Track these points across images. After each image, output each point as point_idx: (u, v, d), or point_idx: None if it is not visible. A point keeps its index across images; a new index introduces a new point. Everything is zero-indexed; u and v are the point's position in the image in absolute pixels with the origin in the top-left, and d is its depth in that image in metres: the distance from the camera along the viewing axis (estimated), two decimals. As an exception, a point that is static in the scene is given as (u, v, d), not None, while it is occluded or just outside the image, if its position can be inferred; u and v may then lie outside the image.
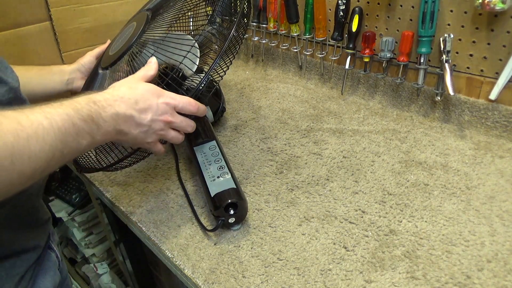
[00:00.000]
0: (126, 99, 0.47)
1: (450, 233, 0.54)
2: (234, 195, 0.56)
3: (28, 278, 0.50)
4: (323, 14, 0.92)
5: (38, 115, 0.36)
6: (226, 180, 0.58)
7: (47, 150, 0.36)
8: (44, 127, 0.36)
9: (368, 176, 0.67)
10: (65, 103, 0.40)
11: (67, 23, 0.90)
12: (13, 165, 0.33)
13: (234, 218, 0.56)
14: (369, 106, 0.90)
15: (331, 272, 0.50)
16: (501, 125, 0.73)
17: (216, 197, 0.56)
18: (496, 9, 0.65)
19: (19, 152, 0.33)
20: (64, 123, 0.38)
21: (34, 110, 0.37)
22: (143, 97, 0.48)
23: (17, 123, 0.34)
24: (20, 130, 0.34)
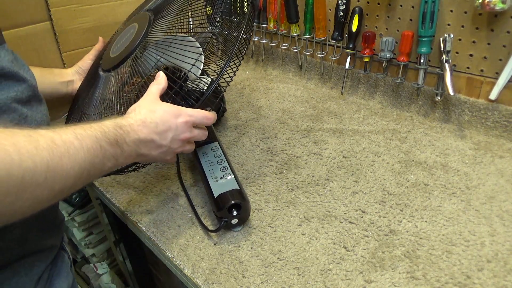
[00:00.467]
0: (147, 123, 0.49)
1: (450, 233, 0.54)
2: (237, 196, 0.56)
3: (45, 278, 0.51)
4: (323, 14, 0.92)
5: (70, 135, 0.38)
6: (229, 181, 0.58)
7: (76, 169, 0.37)
8: (75, 147, 0.38)
9: (368, 176, 0.67)
10: (94, 126, 0.42)
11: (67, 23, 0.90)
12: (46, 182, 0.34)
13: (237, 219, 0.56)
14: (369, 106, 0.90)
15: (331, 272, 0.50)
16: (501, 125, 0.73)
17: (219, 198, 0.56)
18: (496, 9, 0.65)
19: (53, 169, 0.34)
20: (93, 145, 0.40)
21: (66, 130, 0.39)
22: (162, 119, 0.50)
23: (52, 142, 0.35)
24: (55, 149, 0.35)
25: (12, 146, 0.31)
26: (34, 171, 0.32)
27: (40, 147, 0.34)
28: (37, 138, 0.34)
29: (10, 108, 0.45)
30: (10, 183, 0.31)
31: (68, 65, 0.93)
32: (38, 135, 0.35)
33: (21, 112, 0.47)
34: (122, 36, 0.67)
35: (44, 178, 0.34)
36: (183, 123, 0.52)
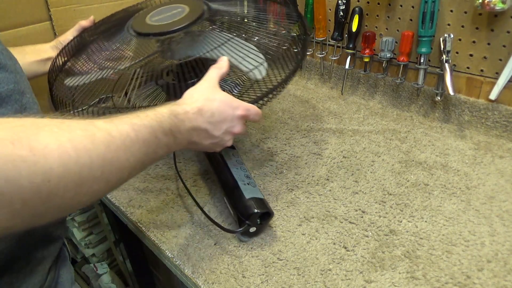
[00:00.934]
0: (204, 111, 0.47)
1: (450, 233, 0.54)
2: (268, 207, 0.55)
3: (53, 269, 0.52)
4: (323, 14, 0.92)
5: (126, 127, 0.37)
6: (256, 189, 0.57)
7: (131, 161, 0.37)
8: (131, 139, 0.37)
9: (368, 176, 0.67)
10: (150, 115, 0.41)
11: (67, 23, 0.90)
12: (103, 175, 0.34)
13: (255, 228, 0.54)
14: (369, 106, 0.90)
15: (331, 272, 0.50)
16: (501, 125, 0.73)
17: (253, 201, 0.54)
18: (496, 9, 0.65)
19: (109, 162, 0.34)
20: (148, 136, 0.39)
21: (122, 120, 0.38)
22: (219, 109, 0.49)
23: (108, 134, 0.35)
24: (111, 142, 0.35)
25: (69, 142, 0.31)
26: (91, 166, 0.32)
27: (96, 141, 0.33)
28: (93, 132, 0.34)
29: (11, 99, 0.45)
30: (68, 179, 0.31)
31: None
32: (94, 128, 0.34)
33: (21, 102, 0.47)
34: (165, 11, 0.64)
35: (100, 172, 0.33)
36: (239, 116, 0.50)
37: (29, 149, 0.28)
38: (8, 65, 0.46)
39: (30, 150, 0.28)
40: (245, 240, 0.55)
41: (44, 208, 0.30)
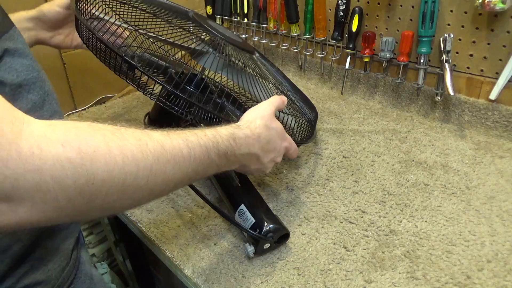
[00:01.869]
0: (261, 138, 0.48)
1: (450, 233, 0.54)
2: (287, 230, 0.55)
3: (76, 249, 0.54)
4: (323, 14, 0.92)
5: (181, 142, 0.38)
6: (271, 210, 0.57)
7: (178, 175, 0.38)
8: (183, 155, 0.38)
9: (368, 176, 0.67)
10: (208, 135, 0.42)
11: (67, 23, 0.90)
12: (147, 185, 0.35)
13: (269, 245, 0.53)
14: (369, 106, 0.90)
15: (331, 272, 0.50)
16: (501, 125, 0.73)
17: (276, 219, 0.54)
18: (496, 9, 0.65)
19: (155, 174, 0.35)
20: (201, 155, 0.40)
21: (179, 135, 0.38)
22: (272, 138, 0.50)
23: (161, 146, 0.36)
24: (161, 154, 0.35)
25: (118, 149, 0.32)
26: (136, 175, 0.33)
27: (146, 151, 0.34)
28: (146, 142, 0.35)
29: (37, 86, 0.47)
30: (112, 184, 0.31)
31: (68, 65, 0.93)
32: (148, 138, 0.35)
33: (44, 89, 0.48)
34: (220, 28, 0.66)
35: (145, 181, 0.34)
36: (284, 147, 0.53)
37: (78, 151, 0.29)
38: (30, 55, 0.47)
39: (78, 152, 0.29)
40: (251, 255, 0.53)
41: (87, 207, 0.31)
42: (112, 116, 0.94)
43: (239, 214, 0.56)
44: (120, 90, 1.06)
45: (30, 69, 0.46)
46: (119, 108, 0.98)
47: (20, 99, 0.44)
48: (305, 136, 0.67)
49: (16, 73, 0.44)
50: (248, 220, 0.54)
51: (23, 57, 0.46)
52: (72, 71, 0.94)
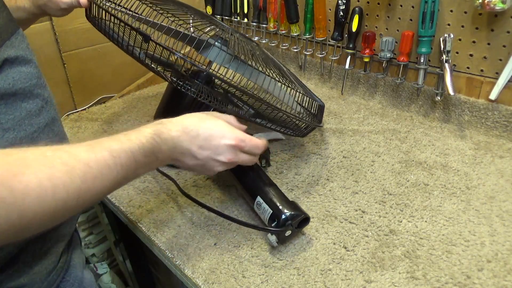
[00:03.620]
0: (188, 130, 0.47)
1: (450, 233, 0.54)
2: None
3: (66, 252, 0.54)
4: (323, 14, 0.92)
5: (105, 154, 0.39)
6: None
7: (108, 186, 0.39)
8: (109, 166, 0.38)
9: (368, 176, 0.67)
10: (132, 138, 0.42)
11: (67, 23, 0.90)
12: (77, 203, 0.36)
13: (291, 232, 0.53)
14: (369, 106, 0.90)
15: (331, 272, 0.50)
16: (501, 125, 0.73)
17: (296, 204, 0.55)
18: (496, 9, 0.65)
19: (84, 192, 0.36)
20: (127, 161, 0.40)
21: (102, 146, 0.39)
22: (205, 133, 0.48)
23: (87, 166, 0.37)
24: (88, 172, 0.37)
25: (48, 180, 0.33)
26: (66, 199, 0.34)
27: (74, 175, 0.35)
28: (73, 165, 0.35)
29: (34, 94, 0.47)
30: (44, 213, 0.33)
31: (68, 65, 0.93)
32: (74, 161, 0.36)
33: (43, 96, 0.48)
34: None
35: (75, 202, 0.36)
36: (227, 145, 0.49)
37: (10, 190, 0.31)
38: (33, 60, 0.48)
39: (11, 191, 0.31)
40: (275, 244, 0.53)
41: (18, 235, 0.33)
42: (112, 116, 0.94)
43: (257, 207, 0.56)
44: (120, 90, 1.06)
45: (29, 76, 0.46)
46: (119, 108, 0.98)
47: (13, 108, 0.44)
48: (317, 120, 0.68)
49: (12, 82, 0.44)
50: (266, 211, 0.54)
51: (23, 65, 0.46)
52: (72, 71, 0.94)
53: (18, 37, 0.46)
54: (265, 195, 0.56)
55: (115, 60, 1.02)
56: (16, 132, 0.44)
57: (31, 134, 0.46)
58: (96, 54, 0.97)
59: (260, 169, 0.61)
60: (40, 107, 0.48)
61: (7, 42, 0.43)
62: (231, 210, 0.62)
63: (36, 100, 0.47)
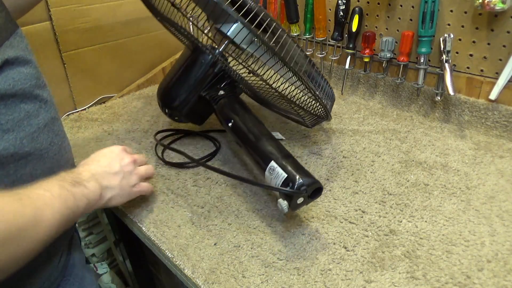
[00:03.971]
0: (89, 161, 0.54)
1: (450, 233, 0.54)
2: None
3: (67, 251, 0.55)
4: (323, 14, 0.92)
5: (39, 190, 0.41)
6: None
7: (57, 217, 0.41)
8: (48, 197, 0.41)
9: (368, 176, 0.67)
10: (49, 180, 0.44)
11: (67, 23, 0.90)
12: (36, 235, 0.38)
13: (303, 200, 0.51)
14: (369, 106, 0.90)
15: (331, 272, 0.50)
16: (501, 125, 0.73)
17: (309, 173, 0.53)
18: (496, 9, 0.65)
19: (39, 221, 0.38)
20: (60, 191, 0.43)
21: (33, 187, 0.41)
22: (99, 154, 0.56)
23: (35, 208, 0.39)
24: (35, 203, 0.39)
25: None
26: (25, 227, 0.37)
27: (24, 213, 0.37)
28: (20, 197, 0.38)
29: (33, 95, 0.47)
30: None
31: (68, 65, 0.93)
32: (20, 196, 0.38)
33: (42, 97, 0.49)
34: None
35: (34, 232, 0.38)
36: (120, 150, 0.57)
37: None
38: (32, 61, 0.48)
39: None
40: (286, 210, 0.51)
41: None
42: (112, 116, 0.94)
43: (269, 172, 0.54)
44: (120, 90, 1.06)
45: (28, 77, 0.46)
46: (119, 108, 0.98)
47: (13, 109, 0.45)
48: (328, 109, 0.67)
49: (12, 82, 0.44)
50: (279, 176, 0.52)
51: (23, 65, 0.46)
52: (72, 71, 0.94)
53: (17, 37, 0.46)
54: (280, 161, 0.54)
55: (115, 60, 1.02)
56: (16, 133, 0.44)
57: (31, 134, 0.46)
58: (96, 54, 0.97)
59: (273, 137, 0.60)
60: (39, 108, 0.48)
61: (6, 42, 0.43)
62: (231, 210, 0.62)
63: (34, 101, 0.47)
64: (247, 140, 0.60)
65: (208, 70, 0.62)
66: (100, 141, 0.83)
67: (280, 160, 0.54)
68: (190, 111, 0.74)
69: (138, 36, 1.04)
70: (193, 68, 0.71)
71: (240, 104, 0.69)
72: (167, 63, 1.14)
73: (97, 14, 0.95)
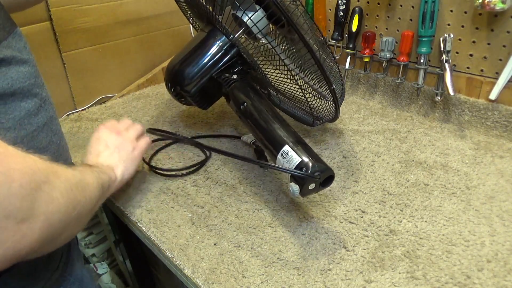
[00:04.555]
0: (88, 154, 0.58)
1: (450, 233, 0.54)
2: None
3: (67, 250, 0.55)
4: (323, 14, 0.92)
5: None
6: None
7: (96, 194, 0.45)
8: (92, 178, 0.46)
9: (368, 176, 0.67)
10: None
11: (67, 23, 0.90)
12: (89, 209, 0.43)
13: (314, 186, 0.51)
14: (369, 106, 0.90)
15: (331, 272, 0.50)
16: (501, 125, 0.73)
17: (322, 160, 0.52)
18: (496, 9, 0.65)
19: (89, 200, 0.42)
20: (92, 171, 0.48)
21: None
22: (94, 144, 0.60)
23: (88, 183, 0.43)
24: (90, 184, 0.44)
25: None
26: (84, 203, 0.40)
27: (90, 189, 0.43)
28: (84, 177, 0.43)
29: (32, 93, 0.47)
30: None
31: (68, 65, 0.93)
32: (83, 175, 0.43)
33: (41, 95, 0.49)
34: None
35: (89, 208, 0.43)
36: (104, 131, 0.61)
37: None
38: (30, 60, 0.48)
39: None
40: (297, 194, 0.50)
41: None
42: (112, 116, 0.94)
43: (282, 155, 0.54)
44: (120, 90, 1.06)
45: (27, 76, 0.46)
46: (119, 108, 0.98)
47: (13, 107, 0.45)
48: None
49: (11, 81, 0.44)
50: (293, 160, 0.52)
51: (21, 64, 0.46)
52: (72, 71, 0.94)
53: (15, 36, 0.46)
54: (294, 145, 0.54)
55: (115, 60, 1.02)
56: (17, 131, 0.45)
57: (31, 133, 0.46)
58: (96, 54, 0.97)
59: (286, 122, 0.59)
60: (39, 106, 0.48)
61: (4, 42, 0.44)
62: (231, 210, 0.62)
63: (34, 99, 0.48)
64: (259, 124, 0.60)
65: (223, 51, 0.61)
66: (100, 141, 0.83)
67: (294, 144, 0.54)
68: (199, 93, 0.72)
69: (138, 36, 1.04)
70: (208, 48, 0.69)
71: (253, 89, 0.67)
72: (167, 63, 1.14)
73: (97, 14, 0.95)
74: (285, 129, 0.57)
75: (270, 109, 0.62)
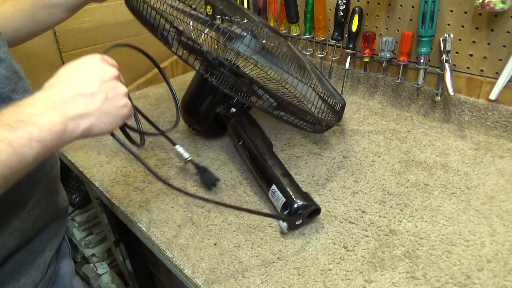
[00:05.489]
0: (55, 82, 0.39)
1: (450, 233, 0.54)
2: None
3: (54, 262, 0.54)
4: (323, 14, 0.92)
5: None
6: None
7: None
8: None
9: (368, 176, 0.67)
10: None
11: (67, 23, 0.89)
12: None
13: (301, 221, 0.56)
14: (369, 106, 0.90)
15: (331, 272, 0.50)
16: (501, 125, 0.73)
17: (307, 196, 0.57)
18: (496, 9, 0.65)
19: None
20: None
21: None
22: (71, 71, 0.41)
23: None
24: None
25: None
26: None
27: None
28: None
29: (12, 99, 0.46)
30: None
31: (68, 65, 0.93)
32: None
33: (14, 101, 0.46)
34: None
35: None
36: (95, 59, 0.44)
37: None
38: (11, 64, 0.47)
39: None
40: (285, 231, 0.56)
41: None
42: (112, 116, 0.94)
43: (271, 194, 0.59)
44: (120, 90, 1.06)
45: (8, 81, 0.44)
46: (119, 108, 0.98)
47: None
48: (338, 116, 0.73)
49: None
50: (279, 199, 0.57)
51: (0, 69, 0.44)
52: (72, 71, 0.94)
53: None
54: (280, 184, 0.59)
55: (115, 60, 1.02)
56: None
57: None
58: (96, 54, 0.97)
59: (277, 159, 0.64)
60: None
61: None
62: (231, 210, 0.62)
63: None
64: (254, 160, 0.65)
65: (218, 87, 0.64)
66: (100, 141, 0.83)
67: (280, 183, 0.59)
68: (210, 127, 0.78)
69: (138, 36, 1.04)
70: (206, 85, 0.74)
71: (250, 122, 0.72)
72: (167, 63, 1.14)
73: (97, 14, 0.95)
74: (275, 167, 0.62)
75: (263, 146, 0.66)
